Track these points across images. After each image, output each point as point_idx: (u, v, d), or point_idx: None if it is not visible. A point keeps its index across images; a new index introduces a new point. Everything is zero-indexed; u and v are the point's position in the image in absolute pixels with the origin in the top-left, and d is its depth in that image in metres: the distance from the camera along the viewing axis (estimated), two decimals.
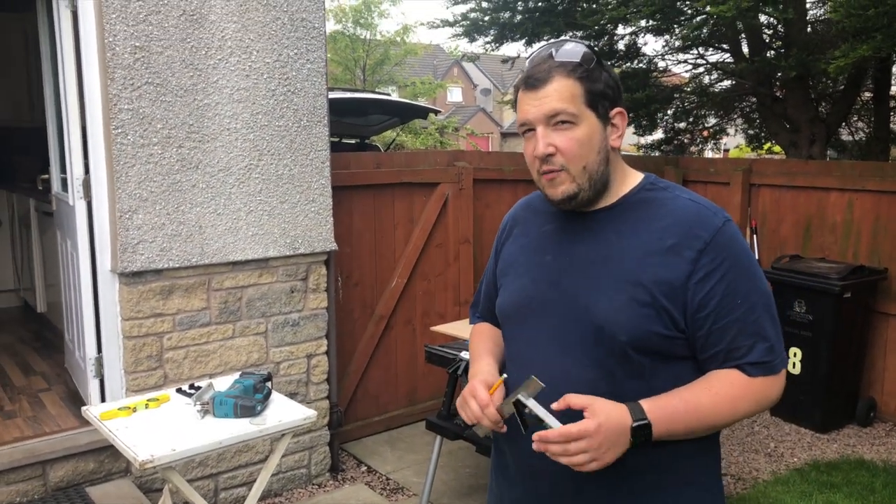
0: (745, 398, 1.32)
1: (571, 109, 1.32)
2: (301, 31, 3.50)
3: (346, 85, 20.02)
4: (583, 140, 1.33)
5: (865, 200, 4.76)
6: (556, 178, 1.35)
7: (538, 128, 1.34)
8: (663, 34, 7.17)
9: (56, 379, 4.11)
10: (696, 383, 1.33)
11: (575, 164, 1.34)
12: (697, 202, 1.37)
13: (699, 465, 1.40)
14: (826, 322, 4.42)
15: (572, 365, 1.35)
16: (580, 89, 1.33)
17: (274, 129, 3.45)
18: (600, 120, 1.36)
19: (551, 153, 1.33)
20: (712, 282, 1.30)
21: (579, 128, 1.33)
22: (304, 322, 3.66)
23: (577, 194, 1.36)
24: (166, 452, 2.23)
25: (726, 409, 1.31)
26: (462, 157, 4.84)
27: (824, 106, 7.08)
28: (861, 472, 3.90)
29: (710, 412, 1.31)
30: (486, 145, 32.13)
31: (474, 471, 3.93)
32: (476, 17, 7.83)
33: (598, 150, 1.36)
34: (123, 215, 3.08)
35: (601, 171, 1.37)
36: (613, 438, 1.24)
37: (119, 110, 3.02)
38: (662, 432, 1.28)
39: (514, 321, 1.47)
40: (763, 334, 1.32)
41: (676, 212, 1.36)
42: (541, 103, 1.33)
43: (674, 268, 1.31)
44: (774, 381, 1.35)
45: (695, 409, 1.30)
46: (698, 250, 1.31)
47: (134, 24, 3.02)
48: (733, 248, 1.33)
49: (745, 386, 1.32)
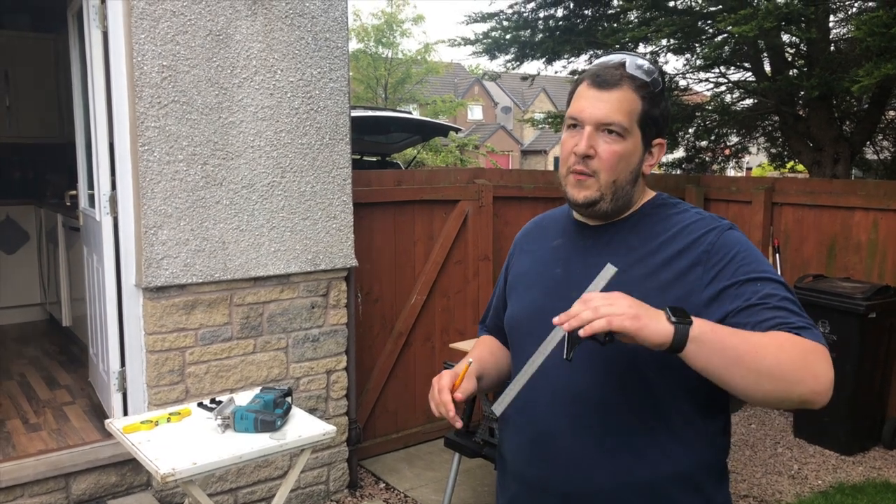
0: (793, 345, 1.19)
1: (625, 123, 1.34)
2: (324, 50, 3.55)
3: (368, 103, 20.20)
4: (623, 155, 1.35)
5: (891, 220, 4.70)
6: (584, 182, 1.37)
7: (587, 127, 1.35)
8: (684, 53, 7.16)
9: (80, 392, 4.16)
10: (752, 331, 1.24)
11: (607, 175, 1.36)
12: (703, 215, 1.40)
13: (707, 481, 1.38)
14: (851, 342, 4.36)
15: (580, 374, 1.36)
16: (640, 107, 1.35)
17: (297, 146, 3.50)
18: (643, 143, 1.38)
19: (591, 155, 1.35)
20: (726, 277, 1.29)
21: (625, 142, 1.35)
22: (324, 338, 3.69)
23: (597, 202, 1.38)
24: (187, 466, 2.24)
25: (773, 346, 1.18)
26: (482, 174, 4.86)
27: (848, 125, 7.01)
28: (887, 496, 3.82)
29: (755, 341, 1.18)
30: (506, 163, 32.18)
31: (492, 489, 3.91)
32: (497, 35, 7.88)
33: (631, 170, 1.38)
34: (149, 231, 3.13)
35: (627, 189, 1.39)
36: (642, 304, 1.17)
37: (146, 128, 3.08)
38: (704, 330, 1.17)
39: (524, 332, 1.48)
40: (792, 309, 1.26)
41: (683, 222, 1.38)
42: (599, 106, 1.34)
43: (683, 275, 1.32)
44: (823, 353, 1.21)
45: (740, 332, 1.20)
46: (706, 252, 1.32)
47: (162, 44, 3.09)
48: (739, 242, 1.33)
49: (794, 337, 1.20)
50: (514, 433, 1.48)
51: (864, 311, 4.27)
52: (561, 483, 1.36)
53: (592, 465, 1.34)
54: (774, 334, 1.21)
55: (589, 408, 1.35)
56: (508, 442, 1.50)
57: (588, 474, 1.34)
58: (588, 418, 1.35)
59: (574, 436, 1.36)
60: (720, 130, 8.01)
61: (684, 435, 1.34)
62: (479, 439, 3.43)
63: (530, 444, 1.42)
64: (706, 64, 7.06)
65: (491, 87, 41.32)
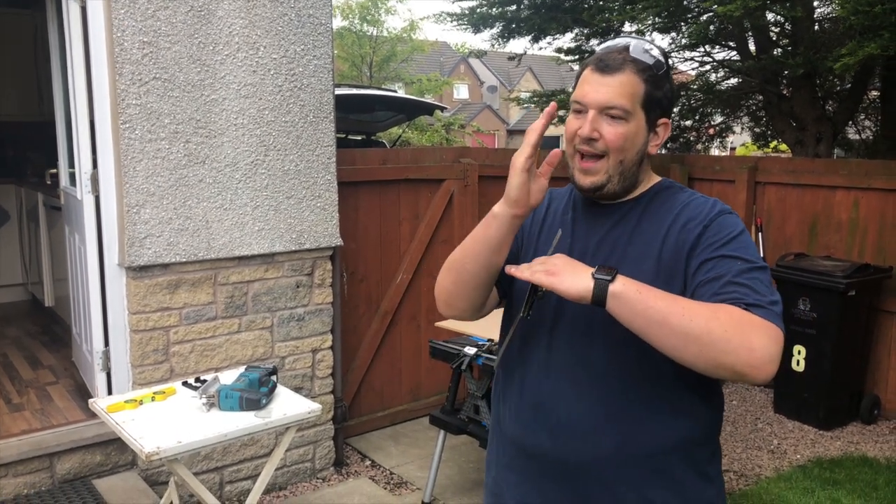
0: (731, 317, 1.19)
1: (627, 106, 1.36)
2: (308, 27, 3.51)
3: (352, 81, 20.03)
4: (628, 136, 1.38)
5: (872, 199, 4.75)
6: (590, 168, 1.40)
7: (591, 111, 1.37)
8: (670, 32, 7.15)
9: (63, 372, 4.14)
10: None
11: (613, 157, 1.38)
12: (707, 199, 1.44)
13: (706, 455, 1.42)
14: (831, 320, 4.42)
15: (584, 342, 1.38)
16: (643, 90, 1.38)
17: (280, 124, 3.47)
18: (647, 124, 1.41)
19: (595, 138, 1.37)
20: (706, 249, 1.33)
21: (628, 124, 1.37)
22: (309, 317, 3.69)
23: (604, 185, 1.40)
24: (172, 444, 2.25)
25: (704, 316, 1.18)
26: (468, 153, 4.85)
27: (831, 104, 7.05)
28: (864, 470, 3.91)
29: (685, 308, 1.20)
30: (492, 142, 32.10)
31: (477, 465, 3.95)
32: (483, 11, 7.82)
33: (637, 151, 1.41)
34: (131, 210, 3.10)
35: (633, 171, 1.42)
36: (574, 263, 1.28)
37: (127, 105, 3.04)
38: (628, 287, 1.21)
39: None
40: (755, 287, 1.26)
41: (686, 205, 1.42)
42: (602, 90, 1.37)
43: (679, 245, 1.36)
44: (767, 328, 1.20)
45: (668, 297, 1.22)
46: (703, 225, 1.36)
47: (142, 20, 3.04)
48: (734, 223, 1.37)
49: (735, 310, 1.20)
50: (515, 398, 1.49)
51: (844, 288, 4.33)
52: (560, 450, 1.39)
53: (593, 434, 1.37)
54: (717, 306, 1.22)
55: (592, 376, 1.37)
56: (508, 406, 1.51)
57: (588, 442, 1.37)
58: (590, 386, 1.37)
59: (578, 401, 1.38)
60: (705, 110, 8.03)
61: (682, 408, 1.37)
62: (464, 416, 3.46)
63: (531, 408, 1.44)
64: (691, 43, 7.06)
65: (477, 66, 41.08)
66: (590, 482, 1.39)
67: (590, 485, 1.39)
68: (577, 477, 1.40)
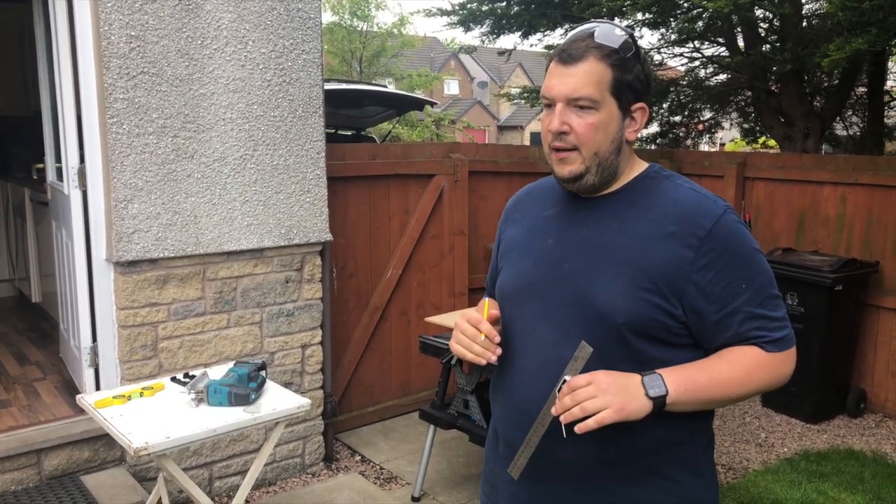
0: (761, 368, 1.34)
1: (594, 95, 1.33)
2: (297, 21, 3.50)
3: (342, 76, 19.97)
4: (598, 126, 1.35)
5: (859, 194, 4.79)
6: (566, 158, 1.37)
7: (558, 105, 1.35)
8: (659, 27, 7.17)
9: (51, 369, 4.12)
10: (710, 356, 1.37)
11: (587, 148, 1.36)
12: (697, 191, 1.40)
13: (695, 450, 1.42)
14: (818, 314, 4.45)
15: (569, 347, 1.36)
16: (609, 76, 1.34)
17: (269, 119, 3.46)
18: (621, 110, 1.37)
19: (566, 131, 1.35)
20: (715, 269, 1.32)
21: (598, 113, 1.34)
22: (298, 312, 3.68)
23: (582, 175, 1.38)
24: (161, 440, 2.24)
25: (741, 378, 1.34)
26: (457, 149, 4.84)
27: (819, 100, 7.09)
28: (850, 462, 3.94)
29: (726, 379, 1.33)
30: (482, 138, 32.10)
31: (467, 460, 3.96)
32: (473, 7, 7.81)
33: (612, 139, 1.37)
34: (119, 204, 3.08)
35: (611, 159, 1.38)
36: (621, 384, 1.28)
37: (114, 100, 3.03)
38: (679, 391, 1.30)
39: (514, 302, 1.48)
40: (770, 315, 1.36)
41: (678, 200, 1.38)
42: (566, 82, 1.34)
43: (674, 255, 1.33)
44: (788, 357, 1.38)
45: (709, 372, 1.33)
46: (700, 238, 1.33)
47: (129, 13, 3.02)
48: (734, 234, 1.36)
49: (761, 358, 1.35)
50: (503, 399, 1.49)
51: (831, 283, 4.36)
52: (548, 452, 1.38)
53: (579, 436, 1.35)
54: (749, 361, 1.34)
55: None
56: (499, 408, 1.52)
57: (575, 444, 1.36)
58: None
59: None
60: (694, 105, 8.07)
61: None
62: (453, 411, 3.46)
63: (518, 411, 1.43)
64: (681, 38, 7.08)
65: (467, 61, 41.04)
66: (578, 482, 1.39)
67: (578, 484, 1.39)
68: (565, 477, 1.40)
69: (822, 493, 3.59)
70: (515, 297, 1.47)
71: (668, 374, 1.30)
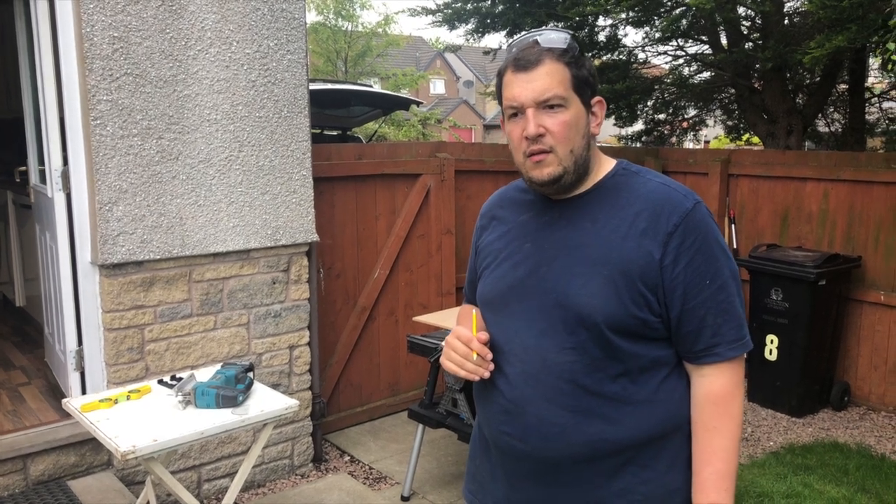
0: (735, 396, 1.39)
1: (562, 93, 1.35)
2: (281, 21, 3.49)
3: (327, 76, 19.92)
4: (571, 123, 1.37)
5: (841, 190, 4.84)
6: (543, 160, 1.38)
7: (528, 110, 1.36)
8: (643, 26, 7.20)
9: (36, 373, 4.08)
10: (696, 432, 1.40)
11: (563, 147, 1.37)
12: (668, 185, 1.42)
13: (679, 442, 1.43)
14: (802, 309, 4.50)
15: (551, 349, 1.38)
16: (568, 74, 1.37)
17: (254, 119, 3.45)
18: (584, 106, 1.40)
19: (542, 133, 1.36)
20: (682, 264, 1.35)
21: (568, 111, 1.37)
22: (286, 313, 3.67)
23: (561, 177, 1.39)
24: (148, 443, 2.23)
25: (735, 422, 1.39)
26: (444, 148, 4.85)
27: (801, 97, 7.16)
28: (835, 455, 3.99)
29: (729, 443, 1.38)
30: (468, 137, 32.11)
31: (456, 459, 3.97)
32: (458, 6, 7.81)
33: (583, 135, 1.40)
34: (103, 207, 3.06)
35: (584, 155, 1.41)
36: None
37: (98, 101, 3.00)
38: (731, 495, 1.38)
39: (495, 308, 1.49)
40: (732, 312, 1.38)
41: (648, 196, 1.40)
42: (532, 86, 1.35)
43: (646, 251, 1.35)
44: (742, 360, 1.42)
45: (720, 455, 1.38)
46: (668, 233, 1.35)
47: (112, 14, 3.00)
48: (701, 229, 1.37)
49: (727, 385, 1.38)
50: (488, 403, 1.50)
51: (815, 278, 4.41)
52: (534, 449, 1.40)
53: (562, 434, 1.37)
54: (713, 404, 1.39)
55: (558, 375, 1.37)
56: (484, 411, 1.53)
57: (559, 443, 1.37)
58: (558, 385, 1.38)
59: (546, 402, 1.38)
60: (678, 103, 8.11)
61: (654, 398, 1.39)
62: (442, 410, 3.47)
63: (504, 413, 1.44)
64: (664, 37, 7.12)
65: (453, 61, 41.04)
66: (562, 478, 1.41)
67: (562, 480, 1.41)
68: (550, 474, 1.41)
69: (808, 486, 3.62)
70: (496, 302, 1.49)
71: (716, 491, 1.36)
